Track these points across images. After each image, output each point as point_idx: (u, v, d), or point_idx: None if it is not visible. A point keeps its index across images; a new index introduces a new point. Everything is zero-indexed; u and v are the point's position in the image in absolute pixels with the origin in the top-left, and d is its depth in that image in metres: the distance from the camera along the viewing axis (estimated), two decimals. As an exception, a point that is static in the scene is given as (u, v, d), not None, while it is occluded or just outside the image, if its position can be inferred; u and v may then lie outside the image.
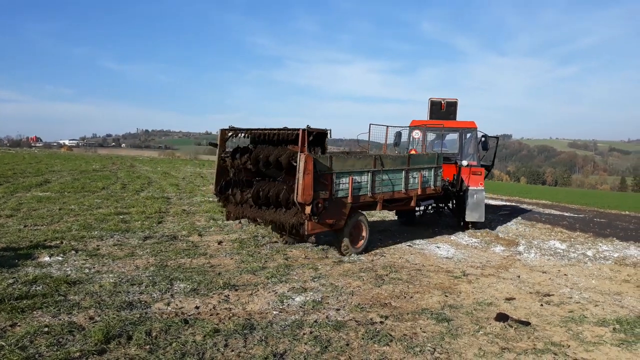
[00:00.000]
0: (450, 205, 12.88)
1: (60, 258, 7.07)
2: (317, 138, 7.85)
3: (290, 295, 5.87)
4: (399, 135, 12.86)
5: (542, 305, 6.02)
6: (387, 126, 12.05)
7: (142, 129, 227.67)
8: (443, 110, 13.20)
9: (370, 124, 11.17)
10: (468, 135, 12.80)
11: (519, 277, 7.49)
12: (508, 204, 20.62)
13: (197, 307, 5.32)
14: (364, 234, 8.83)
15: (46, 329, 4.41)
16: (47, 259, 6.99)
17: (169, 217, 11.47)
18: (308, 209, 7.39)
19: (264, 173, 8.59)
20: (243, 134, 8.80)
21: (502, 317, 5.38)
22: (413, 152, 12.28)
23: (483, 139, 12.95)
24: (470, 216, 11.63)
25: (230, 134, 8.81)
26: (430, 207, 12.95)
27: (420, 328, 5.00)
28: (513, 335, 4.90)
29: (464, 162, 12.16)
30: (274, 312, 5.26)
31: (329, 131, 8.05)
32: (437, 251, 9.22)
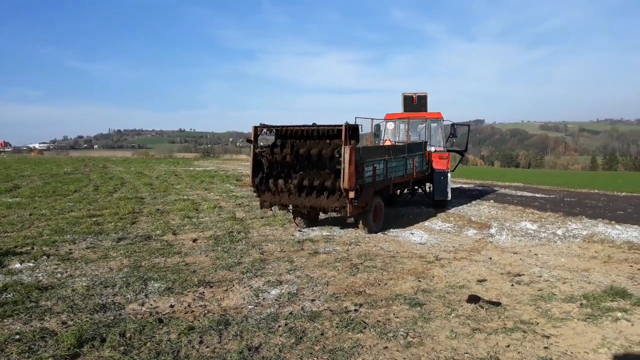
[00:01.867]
0: (422, 187, 14.24)
1: (31, 264, 6.97)
2: (352, 132, 8.84)
3: (266, 289, 5.90)
4: (377, 127, 14.62)
5: (512, 285, 6.17)
6: (372, 119, 14.22)
7: (114, 129, 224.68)
8: (415, 104, 14.73)
9: (355, 117, 13.03)
10: (435, 124, 14.29)
11: (490, 259, 7.65)
12: (480, 188, 20.96)
13: (171, 306, 5.32)
14: (382, 213, 10.31)
15: (17, 337, 4.35)
16: (17, 265, 6.88)
17: (143, 217, 11.37)
18: (352, 194, 8.54)
19: (302, 165, 9.50)
20: (266, 131, 9.97)
21: (473, 299, 5.50)
22: (388, 142, 13.72)
23: (454, 127, 14.35)
24: (438, 195, 13.19)
25: (263, 130, 9.94)
26: (406, 190, 13.82)
27: (394, 314, 5.09)
28: (484, 316, 5.02)
29: (432, 148, 13.51)
30: (249, 307, 5.29)
31: (360, 126, 9.42)
32: (411, 238, 9.35)
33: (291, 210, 10.42)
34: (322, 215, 11.08)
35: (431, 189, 13.77)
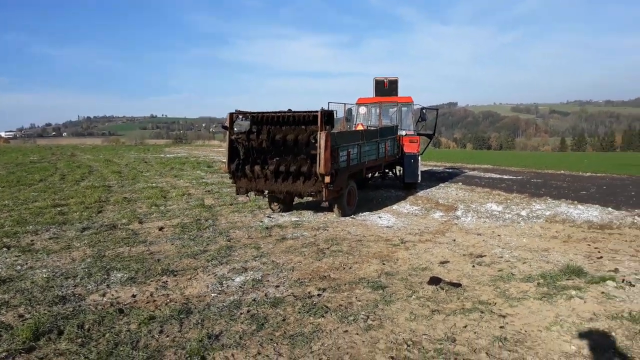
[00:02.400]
0: (394, 170, 14.46)
1: (-10, 257, 6.81)
2: (328, 118, 8.93)
3: (230, 276, 5.89)
4: (349, 111, 14.71)
5: (474, 266, 6.29)
6: (345, 104, 14.36)
7: (84, 116, 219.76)
8: (386, 88, 14.86)
9: (328, 102, 13.17)
10: (405, 108, 14.47)
11: (454, 240, 7.78)
12: (450, 170, 21.23)
13: (133, 296, 5.27)
14: (355, 196, 10.48)
15: (-29, 331, 4.27)
16: (-25, 258, 6.72)
17: (110, 206, 11.20)
18: (328, 179, 8.71)
19: (278, 151, 9.65)
20: (241, 117, 9.87)
21: (434, 281, 5.59)
22: (360, 126, 13.96)
23: (423, 111, 14.40)
24: (408, 178, 13.54)
25: (239, 117, 9.87)
26: (377, 173, 13.95)
27: (356, 297, 5.14)
28: (444, 297, 5.12)
29: (402, 132, 13.70)
30: (213, 295, 5.28)
31: (335, 112, 9.55)
32: (379, 221, 9.43)
33: (267, 196, 10.47)
34: (296, 200, 11.11)
35: (401, 172, 14.01)
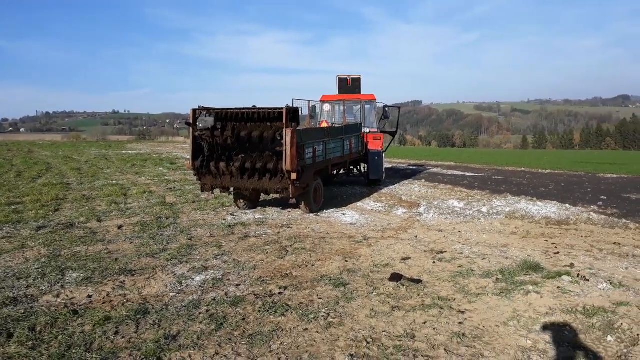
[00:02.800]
0: (358, 167, 14.61)
1: (-63, 258, 6.51)
2: (293, 115, 8.99)
3: (190, 276, 5.79)
4: (313, 108, 14.71)
5: (434, 262, 6.36)
6: (309, 101, 14.47)
7: (43, 111, 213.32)
8: (349, 86, 14.92)
9: (293, 99, 13.07)
10: (368, 106, 14.59)
11: (416, 237, 7.86)
12: (414, 167, 21.47)
13: (89, 296, 5.12)
14: (322, 193, 10.54)
15: None
16: None
17: (67, 204, 10.88)
18: (294, 176, 8.73)
19: (244, 148, 9.58)
20: (205, 113, 9.90)
21: (395, 277, 5.63)
22: (324, 123, 14.00)
23: (386, 109, 14.57)
24: (373, 174, 13.66)
25: (203, 113, 9.86)
26: (342, 170, 14.07)
27: (317, 295, 5.13)
28: (404, 294, 5.15)
29: (366, 130, 13.75)
30: (171, 294, 5.17)
31: (300, 108, 9.78)
32: (343, 218, 9.46)
33: (232, 193, 10.41)
34: (262, 197, 11.05)
35: (366, 169, 14.14)
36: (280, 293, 5.21)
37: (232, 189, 9.94)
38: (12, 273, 5.85)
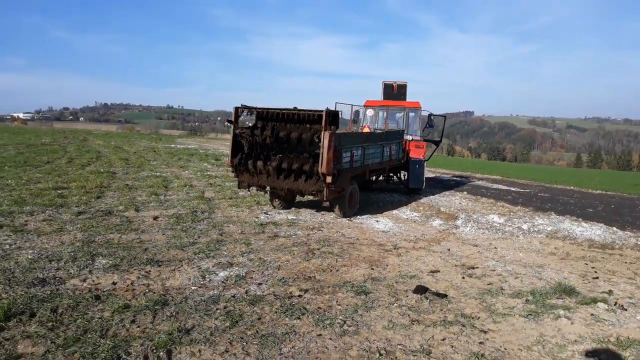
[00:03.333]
0: (398, 174, 14.42)
1: (-20, 234, 6.81)
2: (332, 118, 8.91)
3: (214, 271, 5.82)
4: (357, 113, 14.59)
5: (464, 277, 6.15)
6: (352, 105, 14.32)
7: (101, 102, 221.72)
8: (394, 92, 14.73)
9: (336, 103, 13.38)
10: (412, 114, 14.37)
11: (449, 250, 7.64)
12: (458, 179, 21.00)
13: (114, 283, 5.22)
14: (357, 198, 10.46)
15: (-56, 308, 4.24)
16: (-34, 235, 6.72)
17: (110, 192, 11.20)
18: (329, 179, 8.72)
19: (282, 148, 9.67)
20: (247, 112, 10.03)
21: (420, 290, 5.47)
22: (366, 128, 13.96)
23: (431, 117, 14.29)
24: (412, 183, 13.43)
25: (244, 111, 9.99)
26: (381, 176, 14.07)
27: (337, 301, 5.04)
28: (426, 308, 4.99)
29: (409, 137, 13.60)
30: (193, 288, 5.20)
31: (341, 112, 9.64)
32: (376, 225, 9.32)
33: (268, 192, 10.50)
34: (298, 198, 11.06)
35: (406, 177, 13.94)
36: (299, 296, 5.15)
37: (268, 187, 10.02)
38: (45, 255, 6.03)
